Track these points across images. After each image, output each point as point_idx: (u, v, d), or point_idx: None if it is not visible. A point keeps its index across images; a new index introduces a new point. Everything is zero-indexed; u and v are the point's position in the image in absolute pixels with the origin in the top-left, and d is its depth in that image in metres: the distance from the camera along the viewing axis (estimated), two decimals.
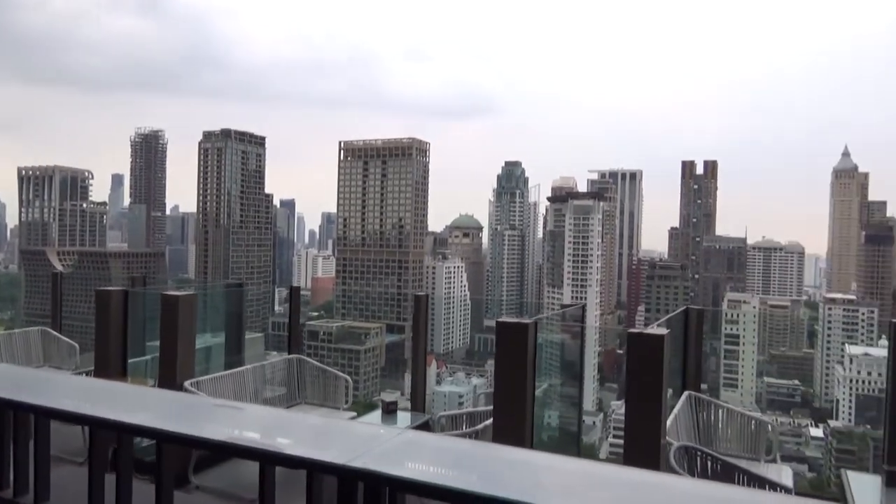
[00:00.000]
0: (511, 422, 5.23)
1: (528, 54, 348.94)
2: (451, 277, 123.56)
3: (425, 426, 7.58)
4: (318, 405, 8.08)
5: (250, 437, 2.82)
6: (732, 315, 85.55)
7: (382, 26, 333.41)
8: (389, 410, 8.03)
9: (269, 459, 2.65)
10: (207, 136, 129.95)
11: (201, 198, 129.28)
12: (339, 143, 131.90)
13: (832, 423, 66.79)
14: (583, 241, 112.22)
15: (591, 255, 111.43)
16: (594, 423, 61.27)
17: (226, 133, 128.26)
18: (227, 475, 5.30)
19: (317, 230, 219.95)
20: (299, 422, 3.33)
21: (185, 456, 5.15)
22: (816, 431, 65.12)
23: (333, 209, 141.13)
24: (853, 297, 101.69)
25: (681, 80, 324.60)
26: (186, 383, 6.63)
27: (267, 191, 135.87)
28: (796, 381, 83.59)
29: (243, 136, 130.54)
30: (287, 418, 3.60)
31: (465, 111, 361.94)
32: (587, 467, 2.88)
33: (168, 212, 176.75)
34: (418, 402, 8.30)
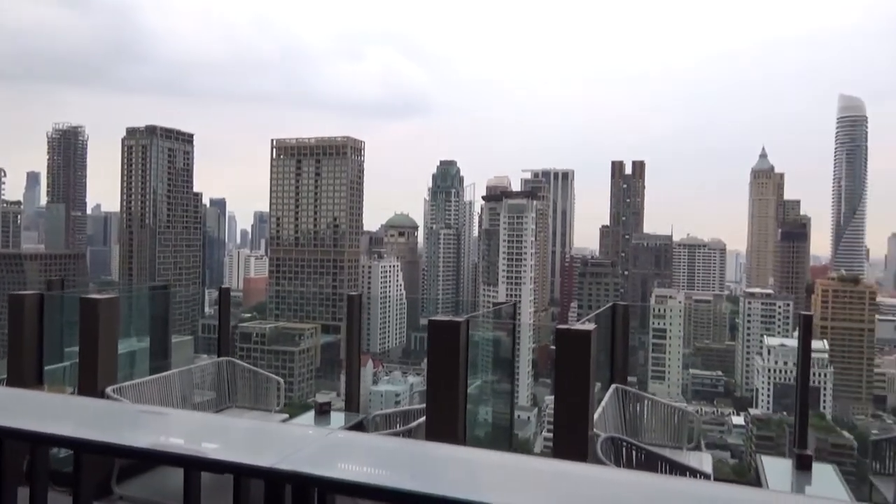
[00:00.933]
0: (444, 419, 5.28)
1: (463, 54, 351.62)
2: (386, 276, 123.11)
3: (359, 426, 7.54)
4: (250, 408, 7.91)
5: (173, 443, 2.74)
6: (660, 310, 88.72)
7: (316, 23, 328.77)
8: (323, 411, 7.94)
9: (193, 465, 2.58)
10: (131, 132, 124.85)
11: (125, 197, 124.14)
12: (272, 141, 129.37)
13: (752, 411, 70.17)
14: (517, 240, 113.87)
15: (525, 253, 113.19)
16: (529, 417, 62.25)
17: (151, 130, 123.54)
18: (153, 483, 5.13)
19: (249, 230, 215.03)
20: (226, 425, 3.26)
21: (107, 465, 4.96)
22: (738, 419, 68.19)
23: (266, 208, 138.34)
24: (770, 291, 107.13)
25: (610, 83, 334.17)
26: (108, 390, 6.37)
27: (196, 189, 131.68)
28: (719, 372, 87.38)
29: (170, 133, 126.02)
30: (213, 422, 3.52)
31: (400, 110, 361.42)
32: (516, 461, 2.93)
33: (89, 211, 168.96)
34: (352, 403, 8.24)
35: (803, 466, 6.28)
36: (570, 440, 5.03)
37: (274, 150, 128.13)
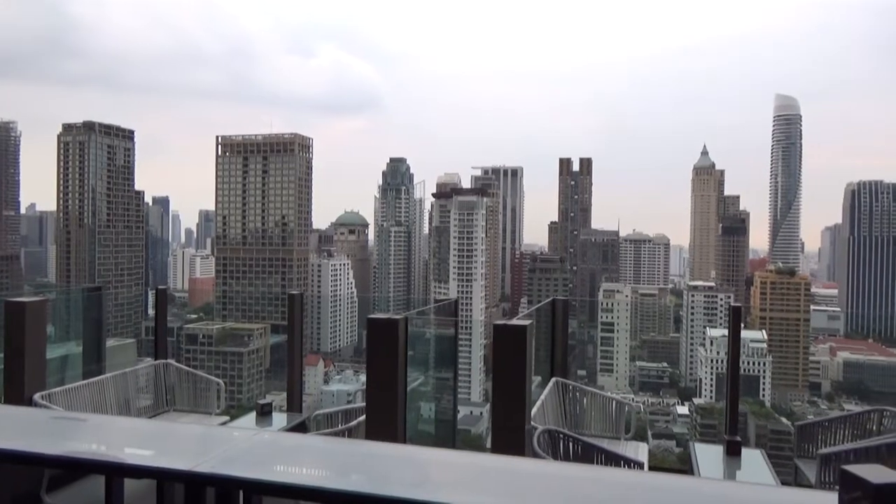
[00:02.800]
0: (383, 417, 5.28)
1: (412, 51, 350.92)
2: (337, 275, 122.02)
3: (301, 426, 7.47)
4: (189, 411, 7.74)
5: (93, 449, 2.67)
6: (607, 304, 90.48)
7: (262, 17, 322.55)
8: (264, 412, 7.83)
9: (111, 471, 2.52)
10: (68, 128, 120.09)
11: (62, 195, 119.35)
12: (217, 137, 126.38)
13: (696, 400, 72.24)
14: (467, 237, 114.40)
15: (476, 249, 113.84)
16: (481, 413, 62.60)
17: (89, 126, 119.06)
18: (85, 492, 4.97)
19: (194, 229, 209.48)
20: (150, 430, 3.19)
21: (35, 475, 4.78)
22: (683, 409, 70.07)
23: (212, 207, 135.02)
24: (712, 284, 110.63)
25: (557, 80, 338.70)
26: (36, 396, 6.14)
27: (137, 188, 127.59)
28: (664, 364, 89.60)
29: (109, 130, 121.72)
30: (137, 427, 3.44)
31: (349, 107, 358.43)
32: (444, 456, 2.95)
33: (23, 210, 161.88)
34: (294, 403, 8.15)
35: (733, 452, 6.53)
36: (508, 434, 5.11)
37: (219, 147, 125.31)
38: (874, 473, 1.75)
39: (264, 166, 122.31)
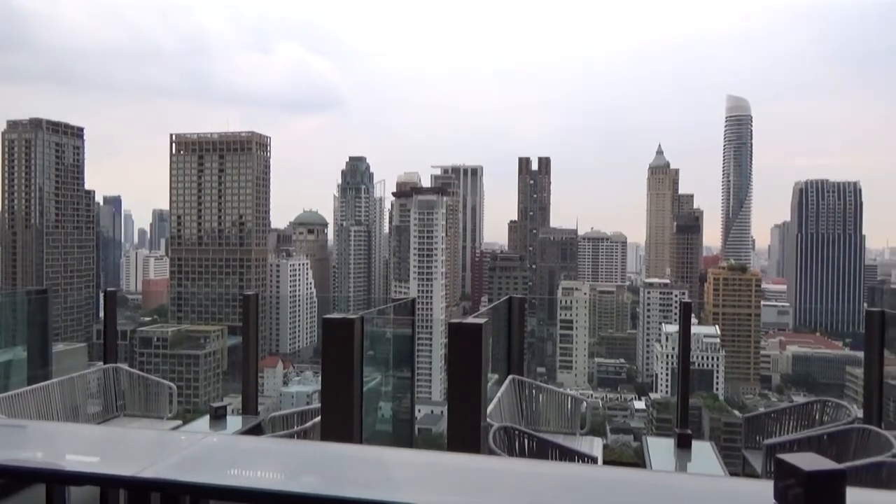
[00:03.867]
0: (339, 418, 5.24)
1: (372, 49, 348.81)
2: (296, 275, 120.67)
3: (257, 429, 7.37)
4: (140, 416, 7.56)
5: (33, 456, 2.59)
6: (566, 302, 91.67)
7: (218, 13, 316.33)
8: (218, 416, 7.69)
9: (52, 479, 2.45)
10: (13, 125, 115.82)
11: (7, 195, 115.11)
12: (171, 135, 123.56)
13: (652, 395, 73.65)
14: (428, 236, 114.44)
15: (436, 248, 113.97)
16: (442, 412, 62.76)
17: (35, 123, 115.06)
18: (26, 502, 4.83)
19: (147, 229, 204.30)
20: (96, 436, 3.11)
21: None
22: (640, 404, 71.36)
23: (166, 206, 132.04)
24: (667, 281, 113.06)
25: (517, 79, 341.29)
26: None
27: (88, 187, 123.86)
28: (622, 360, 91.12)
29: (57, 127, 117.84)
30: (82, 433, 3.34)
31: (307, 106, 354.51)
32: (398, 455, 2.95)
33: None
34: (250, 405, 8.03)
35: (684, 445, 6.70)
36: (465, 432, 5.13)
37: (174, 145, 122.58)
38: (807, 461, 1.82)
39: (220, 165, 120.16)
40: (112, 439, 2.91)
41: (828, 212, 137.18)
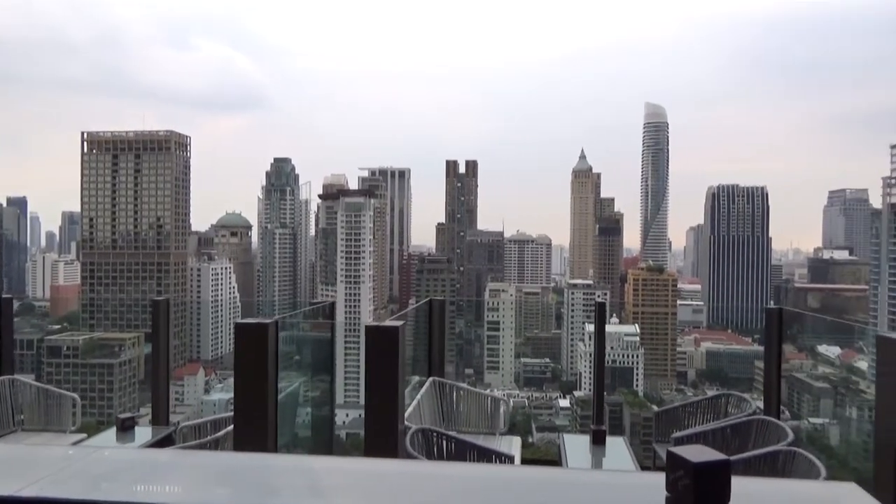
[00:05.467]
0: (253, 427, 5.10)
1: (296, 47, 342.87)
2: (218, 279, 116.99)
3: (167, 439, 7.08)
4: (41, 430, 7.12)
5: None
6: (493, 303, 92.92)
7: (133, 5, 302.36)
8: (126, 427, 7.33)
9: None
10: None
11: None
12: (83, 133, 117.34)
13: (577, 393, 75.57)
14: (355, 238, 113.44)
15: (364, 251, 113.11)
16: None
17: None
18: None
19: (56, 232, 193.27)
20: None
21: None
22: (564, 402, 73.11)
23: (77, 208, 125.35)
24: (590, 281, 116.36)
25: (443, 82, 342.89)
26: None
27: None
28: (547, 360, 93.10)
29: None
30: None
31: (229, 105, 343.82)
32: (311, 463, 2.89)
33: None
34: (160, 415, 7.71)
35: (598, 441, 6.89)
36: (382, 435, 5.09)
37: (85, 143, 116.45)
38: (695, 453, 1.89)
39: (137, 165, 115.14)
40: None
41: (738, 215, 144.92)
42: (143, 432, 7.49)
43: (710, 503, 1.84)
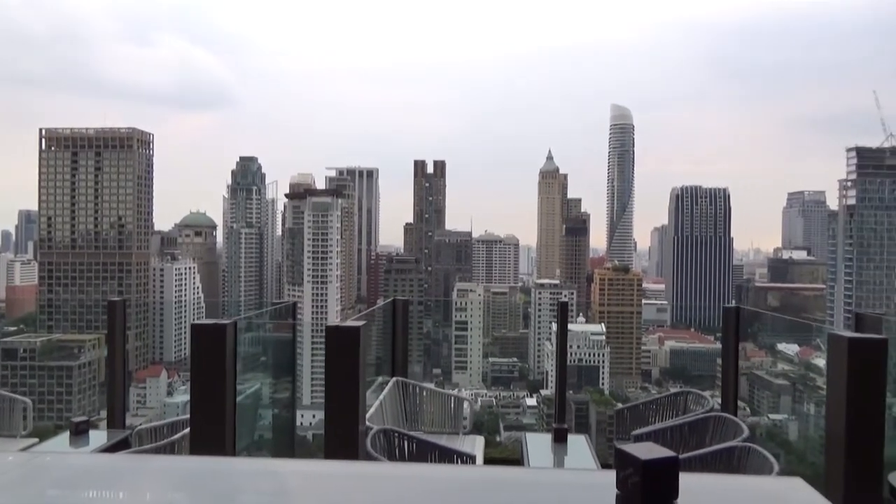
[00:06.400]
0: (210, 429, 5.00)
1: (264, 45, 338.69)
2: (182, 279, 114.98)
3: (123, 443, 6.92)
4: None
5: None
6: (461, 303, 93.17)
7: (94, 0, 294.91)
8: (80, 431, 7.14)
9: None
10: None
11: None
12: (41, 130, 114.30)
13: (543, 392, 76.15)
14: (322, 238, 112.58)
15: (331, 251, 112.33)
16: None
17: None
18: None
19: (12, 231, 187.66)
20: None
21: None
22: (531, 401, 73.62)
23: (34, 206, 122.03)
24: (557, 281, 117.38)
25: (411, 82, 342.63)
26: None
27: None
28: (515, 359, 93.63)
29: None
30: None
31: (194, 103, 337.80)
32: (268, 466, 2.84)
33: None
34: (116, 418, 7.53)
35: (560, 439, 6.94)
36: (342, 436, 5.04)
37: (44, 140, 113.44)
38: (644, 451, 1.91)
39: (97, 163, 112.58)
40: None
41: (701, 216, 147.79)
42: (98, 436, 7.30)
43: (658, 500, 1.86)
